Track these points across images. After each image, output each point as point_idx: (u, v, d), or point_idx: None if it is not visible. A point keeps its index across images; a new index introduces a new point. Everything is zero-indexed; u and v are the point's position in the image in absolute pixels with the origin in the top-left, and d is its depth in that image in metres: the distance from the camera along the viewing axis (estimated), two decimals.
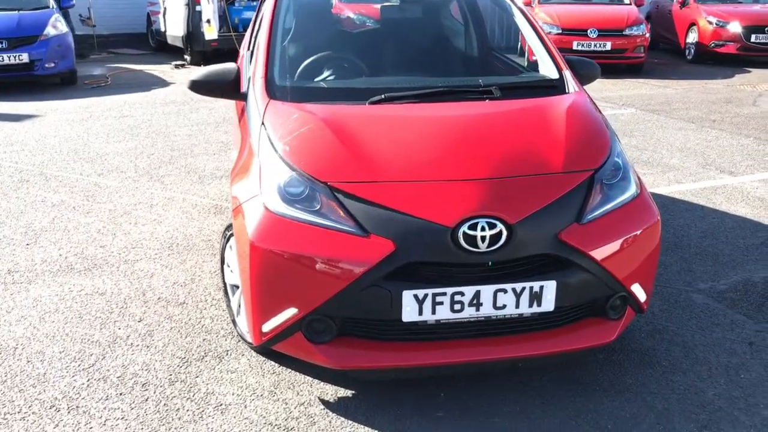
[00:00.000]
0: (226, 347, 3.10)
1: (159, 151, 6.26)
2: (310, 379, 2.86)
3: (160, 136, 6.83)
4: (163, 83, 9.95)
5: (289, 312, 2.55)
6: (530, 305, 2.54)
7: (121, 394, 2.77)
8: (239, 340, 3.14)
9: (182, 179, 5.45)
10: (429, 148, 2.73)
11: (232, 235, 2.93)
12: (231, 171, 3.08)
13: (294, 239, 2.51)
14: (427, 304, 2.48)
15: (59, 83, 9.78)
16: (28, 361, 3.00)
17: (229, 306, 3.19)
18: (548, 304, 2.55)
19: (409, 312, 2.48)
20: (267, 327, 2.63)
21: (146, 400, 2.73)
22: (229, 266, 3.12)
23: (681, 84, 10.13)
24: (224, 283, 3.22)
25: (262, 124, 2.95)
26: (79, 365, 2.97)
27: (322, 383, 2.84)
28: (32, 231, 4.42)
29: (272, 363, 2.96)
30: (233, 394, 2.77)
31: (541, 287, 2.52)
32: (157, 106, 8.32)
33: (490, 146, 2.79)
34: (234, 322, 3.13)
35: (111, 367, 2.96)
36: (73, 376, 2.89)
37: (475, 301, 2.50)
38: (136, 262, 3.96)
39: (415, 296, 2.47)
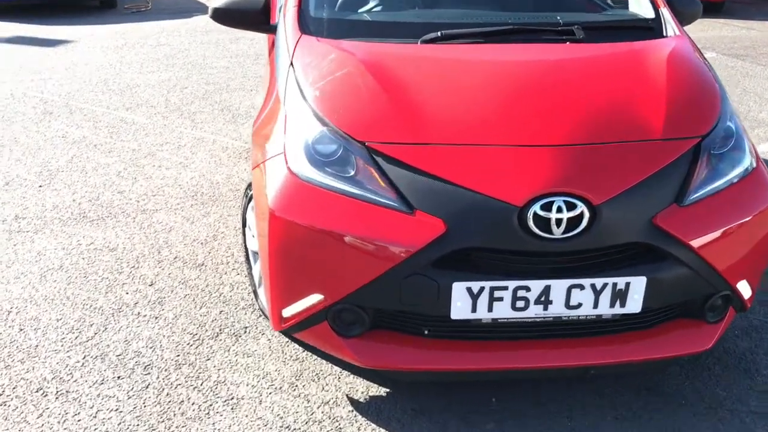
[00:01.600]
0: (244, 323, 2.68)
1: (193, 85, 5.80)
2: (338, 370, 2.43)
3: (195, 68, 6.36)
4: (204, 10, 9.42)
5: (314, 298, 2.10)
6: (612, 305, 2.04)
7: (119, 377, 2.39)
8: (260, 315, 2.72)
9: (214, 117, 5.00)
10: (494, 103, 2.19)
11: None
12: (254, 121, 2.60)
13: (322, 211, 2.04)
14: (483, 300, 2.00)
15: (98, 6, 9.35)
16: (21, 330, 2.63)
17: (250, 274, 2.76)
18: (634, 304, 2.04)
19: (459, 308, 2.00)
20: (288, 312, 2.18)
21: (147, 387, 2.34)
22: (250, 229, 2.67)
23: (767, 26, 9.18)
24: (245, 249, 2.78)
25: (291, 64, 2.45)
26: (76, 337, 2.59)
27: (352, 377, 2.41)
28: (48, 171, 4.05)
29: (296, 346, 2.54)
30: (248, 385, 2.36)
31: (627, 284, 2.01)
32: (196, 35, 7.84)
33: (571, 102, 2.23)
34: (255, 293, 2.71)
35: (112, 341, 2.57)
36: (67, 351, 2.51)
37: (543, 299, 2.01)
38: (155, 212, 3.55)
39: (469, 289, 1.98)
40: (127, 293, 2.87)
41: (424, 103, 2.16)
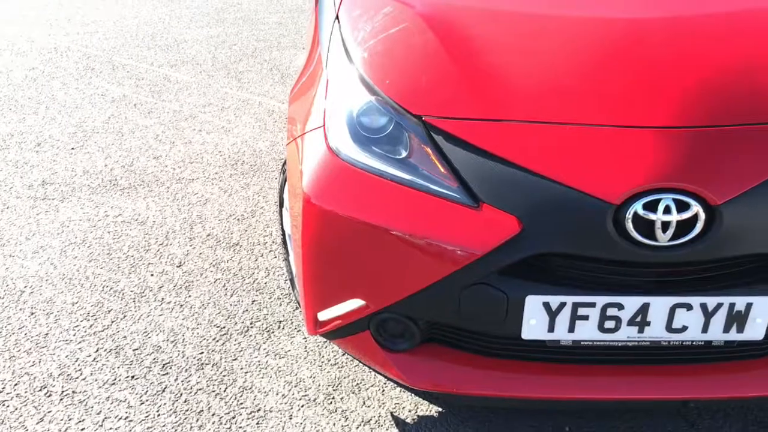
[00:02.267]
0: (278, 316, 2.35)
1: (243, 41, 5.45)
2: (382, 380, 2.08)
3: (247, 23, 6.00)
4: None
5: (354, 303, 1.74)
6: (726, 330, 1.62)
7: (133, 377, 2.09)
8: (296, 308, 2.39)
9: (262, 77, 4.65)
10: (588, 71, 1.76)
11: None
12: (292, 87, 2.23)
13: (366, 200, 1.67)
14: (563, 318, 1.61)
15: None
16: (32, 314, 2.36)
17: (287, 261, 2.42)
18: (755, 330, 1.62)
19: (533, 327, 1.62)
20: (324, 315, 1.84)
21: (163, 390, 2.04)
22: (288, 210, 2.33)
23: None
24: (282, 231, 2.43)
25: (336, 18, 2.05)
26: (90, 326, 2.30)
27: (398, 389, 2.06)
28: (82, 132, 3.77)
29: (335, 348, 2.20)
30: (277, 394, 2.04)
31: (748, 305, 1.59)
32: None
33: (688, 71, 1.77)
34: (292, 283, 2.37)
35: (129, 332, 2.28)
36: (79, 343, 2.23)
37: (638, 319, 1.61)
38: (191, 182, 3.24)
39: (546, 305, 1.59)
40: (152, 275, 2.57)
41: (498, 68, 1.74)
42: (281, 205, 2.39)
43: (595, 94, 1.68)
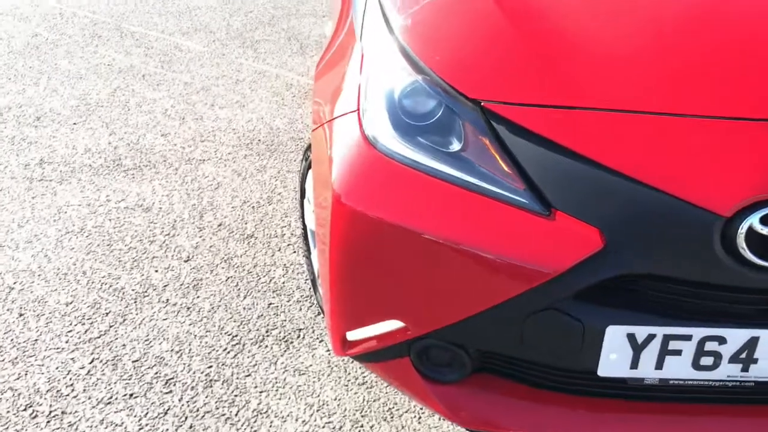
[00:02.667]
0: (298, 323, 2.07)
1: (259, 8, 5.11)
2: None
3: None
4: None
5: (391, 324, 1.45)
6: None
7: (131, 395, 1.82)
8: (318, 313, 2.10)
9: (280, 48, 4.32)
10: (686, 48, 1.43)
11: None
12: (318, 61, 1.92)
13: (409, 202, 1.36)
14: (651, 353, 1.31)
15: None
16: (20, 315, 2.09)
17: (308, 259, 2.14)
18: None
19: (613, 362, 1.32)
20: (354, 336, 1.55)
21: (165, 413, 1.77)
22: (310, 203, 2.03)
23: None
24: (303, 225, 2.15)
25: None
26: (86, 331, 2.03)
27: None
28: (85, 105, 3.48)
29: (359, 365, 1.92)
30: (296, 420, 1.76)
31: None
32: None
33: None
34: (314, 284, 2.09)
35: (129, 340, 2.00)
36: (72, 351, 1.96)
37: (744, 356, 1.31)
38: (202, 163, 2.95)
39: (631, 337, 1.30)
40: (157, 271, 2.29)
41: (574, 44, 1.42)
42: (302, 195, 2.09)
43: (697, 78, 1.36)
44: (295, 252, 2.38)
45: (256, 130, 3.24)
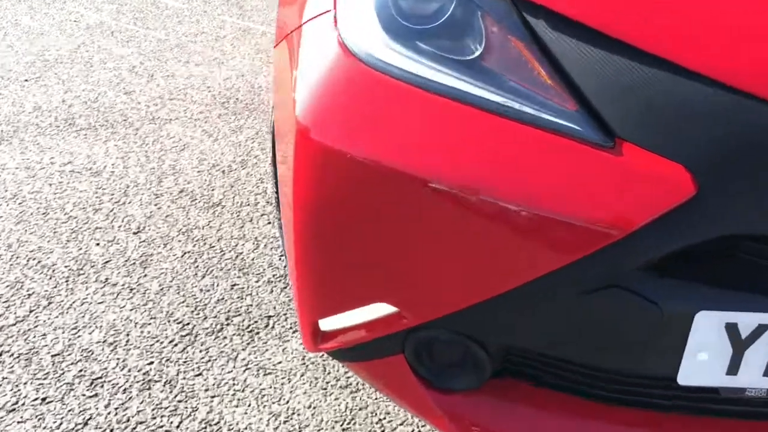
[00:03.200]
0: (267, 309, 1.65)
1: None
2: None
3: None
4: None
5: (380, 310, 1.04)
6: None
7: (43, 400, 1.40)
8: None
9: (269, 4, 3.89)
10: None
11: None
12: None
13: (408, 134, 0.94)
14: (760, 351, 0.89)
15: None
16: None
17: (281, 230, 1.71)
18: None
19: (702, 364, 0.90)
20: (330, 324, 1.13)
21: (84, 424, 1.35)
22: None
23: None
24: (276, 189, 1.72)
25: None
26: None
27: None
28: (42, 62, 3.05)
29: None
30: None
31: None
32: None
33: None
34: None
35: (52, 328, 1.58)
36: None
37: None
38: (168, 122, 2.52)
39: (731, 328, 0.87)
40: (98, 244, 1.87)
41: None
42: (275, 158, 1.67)
43: None
44: (270, 223, 1.96)
45: (235, 88, 2.81)
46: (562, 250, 0.86)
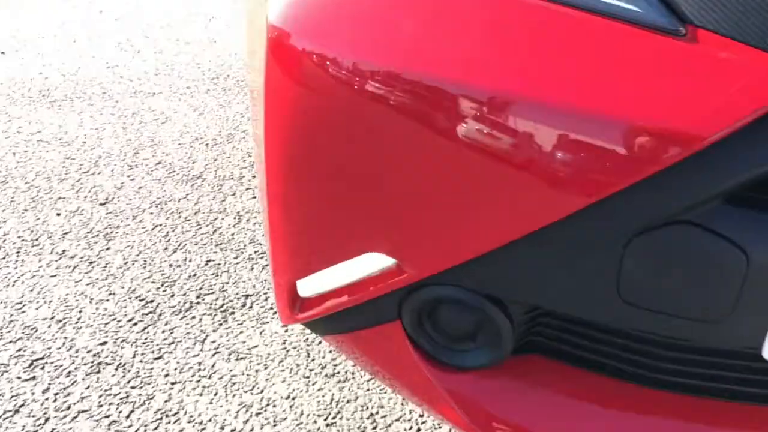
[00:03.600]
0: (245, 287, 1.42)
1: None
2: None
3: None
4: None
5: (372, 263, 0.81)
6: None
7: None
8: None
9: None
10: None
11: None
12: None
13: (409, 23, 0.72)
14: None
15: None
16: None
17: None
18: None
19: None
20: (310, 287, 0.91)
21: (15, 411, 1.12)
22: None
23: None
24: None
25: None
26: None
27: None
28: (20, 37, 2.85)
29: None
30: (223, 429, 1.11)
31: None
32: None
33: None
34: None
35: (9, 301, 1.36)
36: None
37: None
38: (151, 96, 2.31)
39: None
40: (59, 214, 1.65)
41: None
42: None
43: None
44: (255, 197, 1.74)
45: (226, 65, 2.60)
46: (614, 172, 0.64)
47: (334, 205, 0.80)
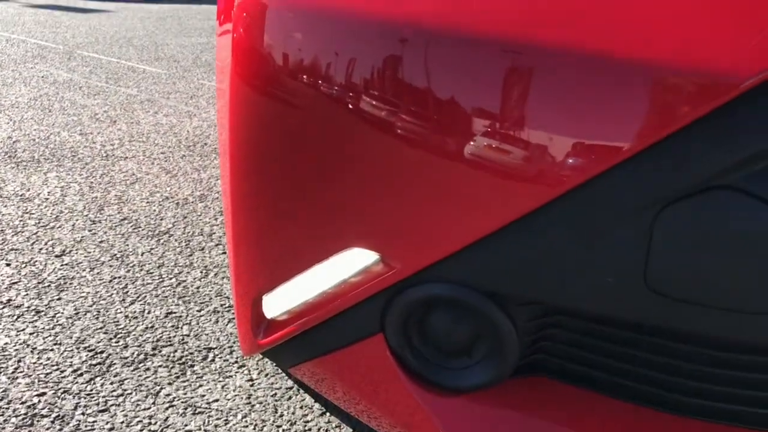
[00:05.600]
0: (208, 340, 1.28)
1: None
2: None
3: None
4: None
5: (353, 263, 0.69)
6: None
7: None
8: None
9: None
10: None
11: None
12: None
13: None
14: None
15: None
16: None
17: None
18: None
19: None
20: (278, 304, 0.79)
21: None
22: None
23: None
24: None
25: None
26: None
27: None
28: None
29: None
30: None
31: None
32: None
33: None
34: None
35: None
36: None
37: None
38: (122, 160, 2.22)
39: None
40: (9, 264, 1.51)
41: None
42: None
43: None
44: (225, 252, 1.61)
45: (204, 135, 2.53)
46: (634, 129, 0.54)
47: (308, 197, 0.69)
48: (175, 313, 1.35)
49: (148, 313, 1.35)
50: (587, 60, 0.55)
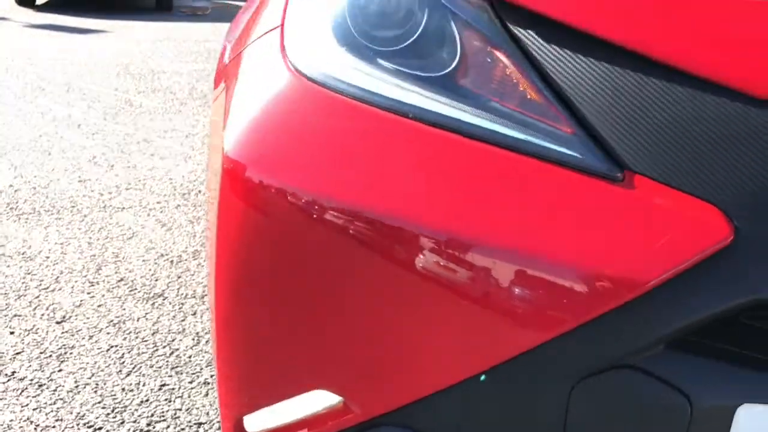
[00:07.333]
0: (199, 415, 1.38)
1: None
2: None
3: None
4: None
5: (321, 400, 0.79)
6: None
7: None
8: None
9: None
10: None
11: None
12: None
13: (363, 167, 0.73)
14: None
15: (153, 8, 8.46)
16: None
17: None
18: None
19: None
20: (256, 424, 0.88)
21: None
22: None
23: None
24: None
25: None
26: None
27: None
28: None
29: None
30: None
31: None
32: None
33: None
34: None
35: None
36: None
37: None
38: (119, 211, 2.32)
39: None
40: (13, 332, 1.60)
41: None
42: None
43: None
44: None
45: (199, 181, 2.63)
46: (559, 314, 0.64)
47: (281, 338, 0.79)
48: (168, 385, 1.45)
49: (143, 385, 1.45)
50: (530, 264, 0.65)
